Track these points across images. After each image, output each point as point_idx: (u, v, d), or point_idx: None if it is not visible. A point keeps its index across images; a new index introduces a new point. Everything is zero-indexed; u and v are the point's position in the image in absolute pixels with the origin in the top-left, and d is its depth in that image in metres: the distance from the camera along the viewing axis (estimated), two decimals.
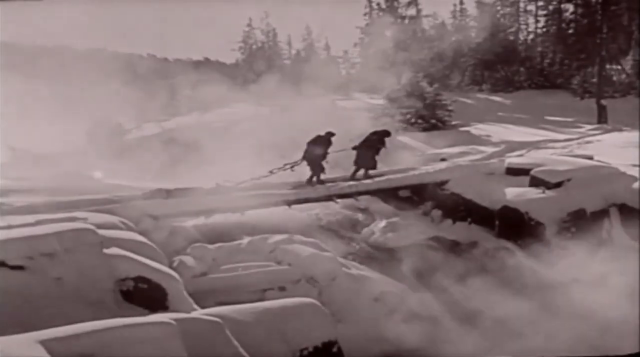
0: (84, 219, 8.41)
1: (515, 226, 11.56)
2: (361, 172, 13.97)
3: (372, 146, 14.11)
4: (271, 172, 13.80)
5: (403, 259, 11.52)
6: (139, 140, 22.58)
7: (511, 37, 35.66)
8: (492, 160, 14.79)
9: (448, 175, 13.27)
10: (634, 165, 12.81)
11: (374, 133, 14.44)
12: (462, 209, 12.59)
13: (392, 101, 25.74)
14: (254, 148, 17.06)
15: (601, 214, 11.61)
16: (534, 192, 11.95)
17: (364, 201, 13.58)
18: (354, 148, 14.09)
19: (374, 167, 14.12)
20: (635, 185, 11.81)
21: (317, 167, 13.52)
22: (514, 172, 12.99)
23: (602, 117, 26.41)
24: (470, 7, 36.03)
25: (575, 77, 31.96)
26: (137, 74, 21.40)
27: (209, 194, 12.29)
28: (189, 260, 10.01)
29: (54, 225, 7.25)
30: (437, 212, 12.93)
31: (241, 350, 5.74)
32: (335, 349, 6.57)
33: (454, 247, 11.93)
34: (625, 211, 11.64)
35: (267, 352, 6.07)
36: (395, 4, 34.83)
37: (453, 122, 25.45)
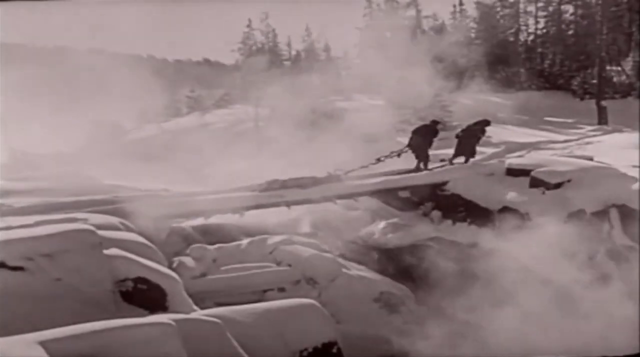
0: (84, 220, 8.42)
1: (515, 227, 11.54)
2: (459, 159, 14.18)
3: (474, 135, 14.35)
4: (379, 159, 14.38)
5: (403, 259, 11.53)
6: (138, 141, 22.61)
7: (511, 38, 35.64)
8: (492, 161, 14.78)
9: (448, 176, 13.26)
10: (634, 167, 12.79)
11: (477, 123, 14.61)
12: (462, 210, 12.57)
13: (392, 102, 25.71)
14: (254, 149, 17.08)
15: (601, 214, 11.58)
16: (534, 193, 11.94)
17: (363, 201, 13.56)
18: (457, 136, 14.43)
19: (474, 156, 14.34)
20: (635, 186, 11.79)
21: (422, 154, 13.96)
22: (514, 173, 12.97)
23: (602, 118, 26.42)
24: (470, 8, 36.03)
25: (575, 78, 31.96)
26: (137, 75, 21.39)
27: (323, 182, 12.66)
28: (188, 261, 10.02)
29: (54, 226, 7.26)
30: (436, 213, 12.91)
31: (241, 351, 5.74)
32: (334, 350, 6.57)
33: (453, 248, 11.91)
34: (625, 211, 11.62)
35: (267, 353, 6.07)
36: (395, 4, 34.81)
37: (453, 123, 25.42)
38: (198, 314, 6.33)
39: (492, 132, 23.53)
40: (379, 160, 14.39)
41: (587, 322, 9.15)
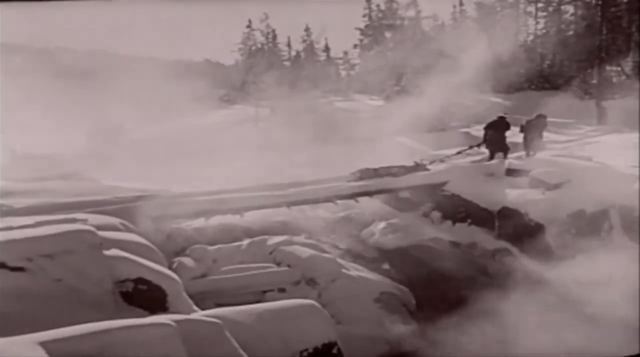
0: (84, 221, 8.40)
1: (515, 227, 11.56)
2: (527, 153, 15.40)
3: (535, 129, 15.75)
4: (459, 152, 16.39)
5: (403, 260, 11.53)
6: (139, 141, 22.56)
7: (511, 39, 35.60)
8: (491, 161, 14.81)
9: (448, 177, 13.27)
10: (634, 167, 12.81)
11: (539, 116, 16.11)
12: (462, 210, 12.59)
13: (392, 102, 25.73)
14: (253, 149, 17.08)
15: (601, 215, 11.61)
16: (534, 193, 11.96)
17: (363, 202, 13.57)
18: (521, 131, 15.88)
19: (543, 148, 15.69)
20: (635, 186, 11.80)
21: (503, 147, 15.23)
22: (514, 173, 13.00)
23: (601, 118, 26.43)
24: (470, 8, 36.02)
25: (575, 78, 31.94)
26: (137, 76, 21.38)
27: (411, 171, 13.37)
28: (188, 261, 10.02)
29: (54, 226, 7.25)
30: (436, 214, 12.92)
31: (241, 351, 5.74)
32: (335, 351, 6.57)
33: (453, 248, 11.92)
34: (625, 212, 11.65)
35: (267, 353, 6.07)
36: (395, 5, 34.84)
37: (453, 124, 25.45)
38: (198, 314, 6.32)
39: None
40: (459, 152, 16.37)
41: (587, 323, 9.16)
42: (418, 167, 13.82)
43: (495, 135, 15.45)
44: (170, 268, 8.69)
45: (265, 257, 10.33)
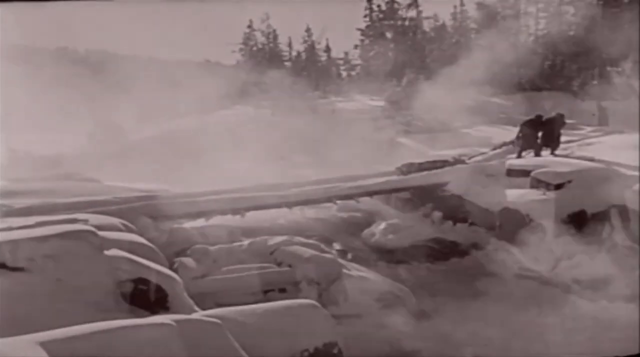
0: (85, 221, 8.42)
1: (515, 228, 11.54)
2: (547, 151, 15.75)
3: (555, 128, 16.04)
4: (494, 149, 17.10)
5: (403, 260, 11.54)
6: (139, 142, 22.59)
7: (511, 39, 35.57)
8: (492, 162, 14.80)
9: (448, 177, 13.26)
10: (635, 167, 12.79)
11: (561, 115, 16.47)
12: (462, 211, 12.58)
13: (393, 103, 25.72)
14: (254, 150, 17.09)
15: (602, 215, 11.59)
16: (535, 194, 11.95)
17: (364, 202, 13.59)
18: (541, 129, 16.00)
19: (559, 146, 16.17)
20: (636, 187, 11.79)
21: (534, 144, 15.74)
22: (515, 173, 12.98)
23: (602, 119, 26.40)
24: (471, 8, 35.95)
25: (575, 79, 31.92)
26: (138, 76, 21.40)
27: (451, 165, 13.97)
28: (189, 261, 10.01)
29: (55, 226, 7.26)
30: (437, 214, 12.92)
31: (241, 351, 5.73)
32: (335, 351, 6.56)
33: (454, 249, 11.92)
34: (626, 212, 11.63)
35: (268, 353, 6.06)
36: (396, 5, 34.79)
37: (454, 124, 25.40)
38: (199, 314, 6.32)
39: (493, 132, 23.64)
40: (494, 149, 17.10)
41: (587, 323, 9.15)
42: (457, 161, 14.50)
43: (527, 133, 15.82)
44: (171, 268, 8.69)
45: (266, 257, 10.32)
